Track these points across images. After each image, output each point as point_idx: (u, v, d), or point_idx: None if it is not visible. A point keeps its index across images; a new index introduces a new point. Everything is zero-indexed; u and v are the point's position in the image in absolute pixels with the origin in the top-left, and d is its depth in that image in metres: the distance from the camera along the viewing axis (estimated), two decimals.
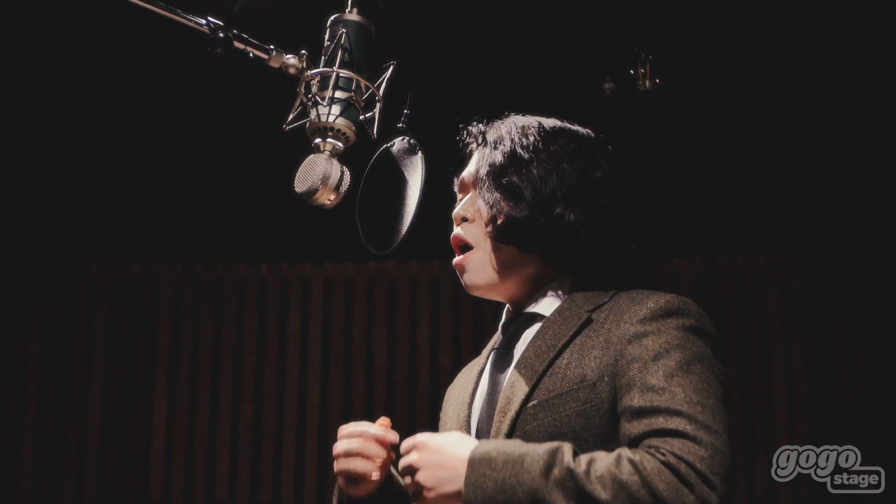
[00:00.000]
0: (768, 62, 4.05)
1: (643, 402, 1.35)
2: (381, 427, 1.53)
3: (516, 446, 1.33)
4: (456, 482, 1.32)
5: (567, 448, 1.31)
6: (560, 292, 1.57)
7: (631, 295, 1.50)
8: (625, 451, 1.31)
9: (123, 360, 4.83)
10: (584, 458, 1.30)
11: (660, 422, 1.33)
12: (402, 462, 1.39)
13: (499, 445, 1.34)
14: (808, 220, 4.58)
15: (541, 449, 1.31)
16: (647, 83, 3.69)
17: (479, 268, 1.60)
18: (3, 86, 4.10)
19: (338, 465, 1.53)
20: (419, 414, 4.68)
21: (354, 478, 1.52)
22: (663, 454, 1.29)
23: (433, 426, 1.74)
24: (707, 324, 1.46)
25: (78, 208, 4.70)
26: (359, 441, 1.51)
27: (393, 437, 1.51)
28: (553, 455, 1.29)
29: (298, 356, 4.84)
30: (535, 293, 1.59)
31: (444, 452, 1.35)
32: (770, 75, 4.09)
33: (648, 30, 3.70)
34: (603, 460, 1.29)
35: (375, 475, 1.51)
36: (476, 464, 1.31)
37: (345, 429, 1.54)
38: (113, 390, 4.80)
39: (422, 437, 1.39)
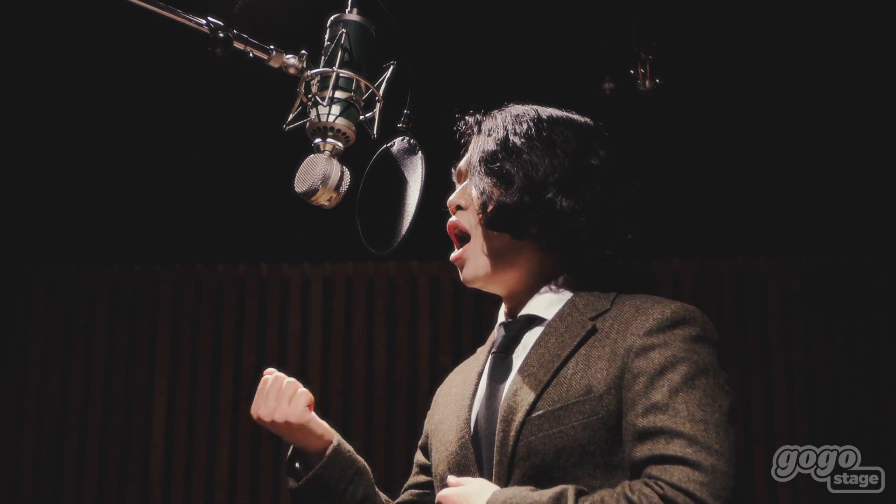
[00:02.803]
0: (768, 62, 4.05)
1: (646, 422, 1.36)
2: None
3: (524, 496, 1.36)
4: None
5: (571, 492, 1.34)
6: (559, 290, 1.56)
7: (634, 302, 1.49)
8: (625, 488, 1.33)
9: (123, 359, 4.83)
10: (587, 502, 1.33)
11: (660, 446, 1.33)
12: None
13: (509, 497, 1.37)
14: (807, 220, 4.58)
15: (545, 497, 1.34)
16: (647, 83, 3.70)
17: (475, 259, 1.59)
18: (3, 86, 4.10)
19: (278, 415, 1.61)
20: (419, 414, 4.66)
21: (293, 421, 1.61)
22: (661, 487, 1.30)
23: None
24: (712, 330, 1.46)
25: (77, 208, 4.70)
26: (279, 389, 1.64)
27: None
28: (557, 501, 1.33)
29: (298, 356, 4.83)
30: (535, 287, 1.57)
31: None
32: (770, 75, 4.10)
33: (648, 30, 3.70)
34: (605, 501, 1.32)
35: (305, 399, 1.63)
36: None
37: (257, 402, 1.65)
38: (113, 390, 4.79)
39: (445, 493, 1.45)
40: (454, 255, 1.62)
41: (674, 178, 4.36)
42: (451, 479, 1.48)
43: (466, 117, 1.67)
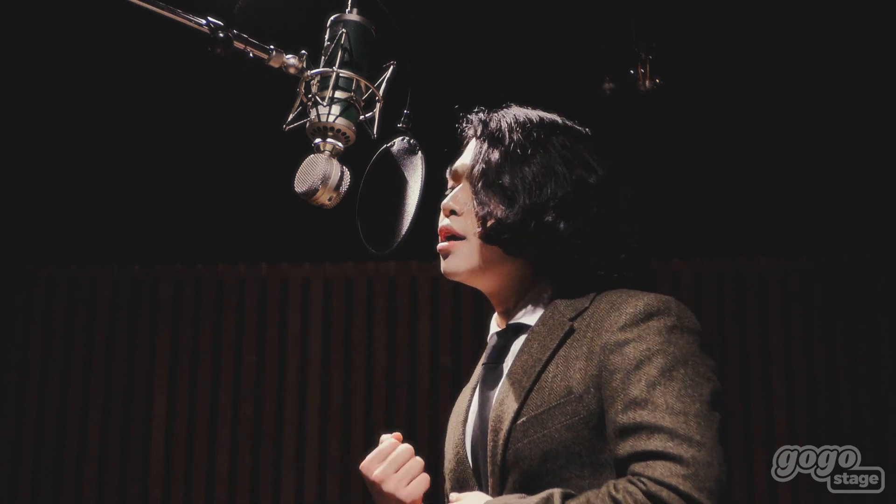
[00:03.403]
0: (768, 62, 4.05)
1: (626, 418, 1.35)
2: (400, 443, 1.56)
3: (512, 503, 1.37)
4: None
5: (557, 495, 1.33)
6: (545, 298, 1.56)
7: (611, 298, 1.48)
8: (610, 487, 1.32)
9: (123, 360, 4.83)
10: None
11: (642, 442, 1.32)
12: None
13: None
14: (807, 220, 4.58)
15: (531, 502, 1.34)
16: (647, 83, 3.69)
17: (461, 257, 1.58)
18: (3, 86, 4.10)
19: (399, 492, 1.51)
20: (419, 414, 4.67)
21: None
22: (644, 483, 1.29)
23: (433, 426, 1.74)
24: (689, 319, 1.44)
25: (77, 208, 4.70)
26: (407, 463, 1.53)
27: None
28: None
29: (298, 356, 4.83)
30: (520, 295, 1.58)
31: None
32: (770, 75, 4.10)
33: (648, 30, 3.70)
34: (591, 502, 1.31)
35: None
36: None
37: (378, 460, 1.54)
38: (113, 390, 4.80)
39: None
40: (441, 245, 1.61)
41: (673, 179, 4.36)
42: (452, 495, 1.49)
43: (469, 116, 1.66)
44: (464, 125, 1.67)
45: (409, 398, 4.74)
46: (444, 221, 1.62)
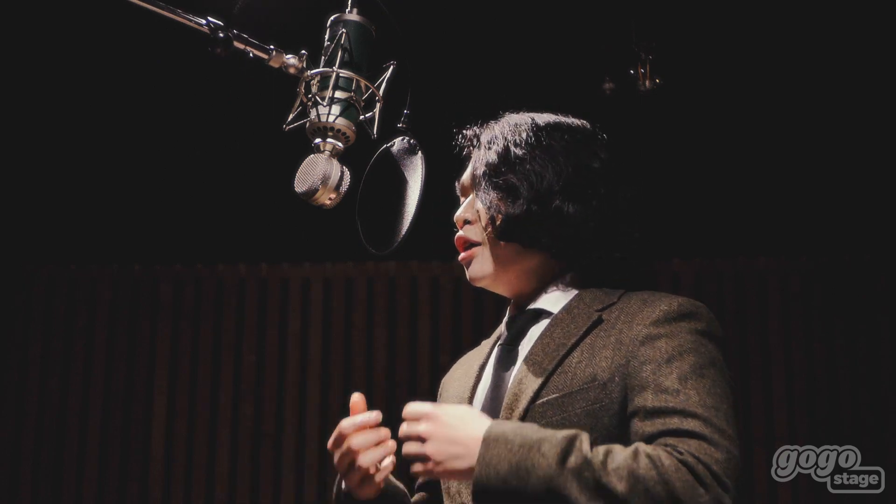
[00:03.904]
0: (768, 62, 4.05)
1: (658, 402, 1.36)
2: (360, 414, 1.52)
3: (533, 430, 1.32)
4: (468, 459, 1.32)
5: (584, 437, 1.31)
6: (566, 288, 1.58)
7: (642, 296, 1.51)
8: (642, 446, 1.31)
9: (123, 360, 4.83)
10: (601, 449, 1.30)
11: (675, 422, 1.34)
12: (409, 430, 1.37)
13: (515, 428, 1.33)
14: (807, 220, 4.58)
15: (558, 435, 1.31)
16: (647, 83, 3.69)
17: (482, 261, 1.61)
18: (3, 86, 4.10)
19: (346, 466, 1.49)
20: None
21: (365, 474, 1.48)
22: (681, 452, 1.30)
23: None
24: (717, 327, 1.48)
25: (77, 208, 4.70)
26: (354, 438, 1.49)
27: (375, 416, 1.52)
28: (570, 443, 1.29)
29: (298, 356, 4.83)
30: (540, 288, 1.59)
31: (458, 428, 1.34)
32: (770, 75, 4.09)
33: (648, 30, 3.70)
34: (620, 453, 1.29)
35: (387, 461, 1.49)
36: (491, 443, 1.31)
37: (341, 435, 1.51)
38: (113, 390, 4.80)
39: (433, 408, 1.38)
40: (462, 255, 1.64)
41: (674, 178, 4.36)
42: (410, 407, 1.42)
43: (465, 131, 1.69)
44: (461, 141, 1.69)
45: (409, 398, 4.72)
46: (458, 233, 1.65)
